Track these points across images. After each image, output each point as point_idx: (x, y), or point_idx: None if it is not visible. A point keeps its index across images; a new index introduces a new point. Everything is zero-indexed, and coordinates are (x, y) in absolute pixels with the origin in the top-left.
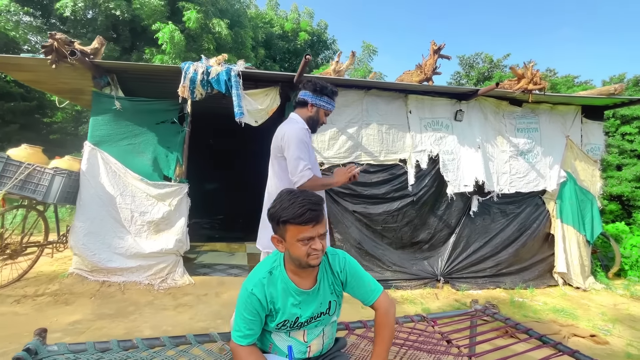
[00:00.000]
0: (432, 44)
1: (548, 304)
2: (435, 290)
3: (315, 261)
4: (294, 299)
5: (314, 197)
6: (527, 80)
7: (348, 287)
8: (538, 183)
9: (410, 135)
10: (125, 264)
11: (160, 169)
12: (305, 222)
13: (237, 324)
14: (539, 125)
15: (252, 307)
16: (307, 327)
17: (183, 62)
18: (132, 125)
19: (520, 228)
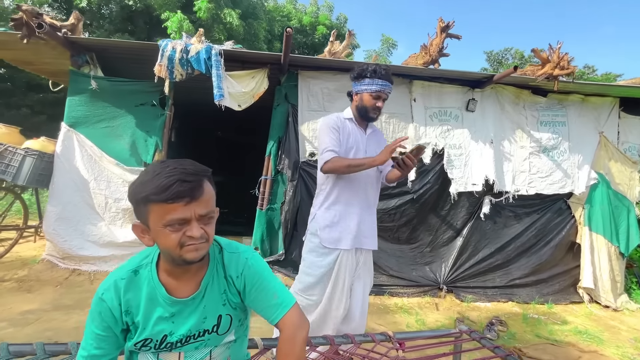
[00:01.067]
0: (440, 20)
1: (569, 324)
2: (435, 300)
3: (193, 254)
4: (163, 309)
5: (191, 165)
6: (552, 65)
7: (247, 298)
8: (564, 184)
9: (413, 125)
10: (98, 253)
11: (138, 154)
12: (172, 199)
13: (84, 340)
14: (567, 118)
15: (101, 318)
16: (184, 349)
17: (161, 40)
18: (110, 107)
19: (539, 234)
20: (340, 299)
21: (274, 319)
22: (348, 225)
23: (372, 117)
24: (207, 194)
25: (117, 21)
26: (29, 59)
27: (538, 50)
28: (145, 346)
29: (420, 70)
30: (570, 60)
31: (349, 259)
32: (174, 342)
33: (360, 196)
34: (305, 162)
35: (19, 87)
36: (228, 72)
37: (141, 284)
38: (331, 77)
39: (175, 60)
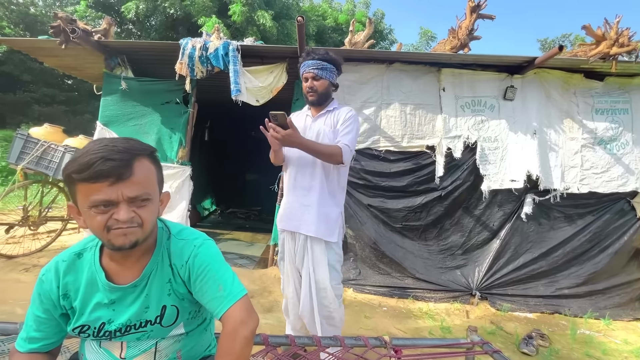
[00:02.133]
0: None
1: (630, 344)
2: (467, 307)
3: (121, 239)
4: (102, 295)
5: (123, 143)
6: (609, 43)
7: (193, 289)
8: (625, 182)
9: (442, 117)
10: None
11: (164, 150)
12: (94, 178)
13: (26, 320)
14: (631, 105)
15: (40, 300)
16: (126, 339)
17: (182, 39)
18: (139, 106)
19: (595, 239)
20: (288, 282)
21: (218, 313)
22: (284, 206)
23: (309, 99)
24: (139, 175)
25: (162, 29)
26: (73, 64)
27: (590, 27)
28: (84, 332)
29: (448, 57)
30: (632, 36)
31: (288, 241)
32: (112, 331)
33: (290, 179)
34: None
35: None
36: (247, 67)
37: (83, 267)
38: (352, 68)
39: (195, 58)
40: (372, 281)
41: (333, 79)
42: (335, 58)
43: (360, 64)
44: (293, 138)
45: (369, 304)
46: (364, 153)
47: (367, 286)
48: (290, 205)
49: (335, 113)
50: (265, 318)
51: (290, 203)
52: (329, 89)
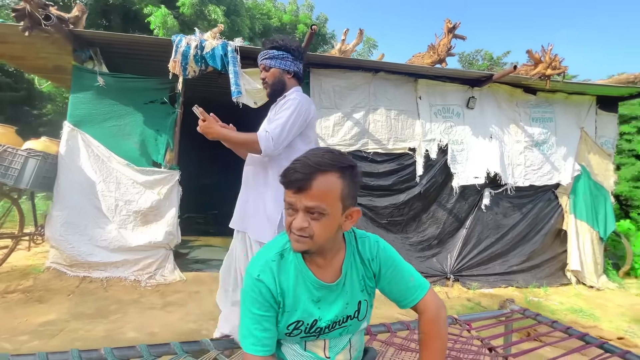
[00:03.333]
0: (447, 22)
1: (564, 304)
2: (445, 289)
3: (294, 244)
4: (310, 294)
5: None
6: (545, 65)
7: (382, 281)
8: (552, 176)
9: (420, 122)
10: (109, 258)
11: (148, 154)
12: (286, 184)
13: (246, 327)
14: (554, 115)
15: (263, 298)
16: (329, 336)
17: (174, 35)
18: (117, 105)
19: (533, 223)
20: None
21: (413, 301)
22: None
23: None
24: (317, 189)
25: (93, 15)
26: (20, 53)
27: (532, 52)
28: (297, 329)
29: (425, 69)
30: (561, 61)
31: (236, 241)
32: (322, 328)
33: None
34: None
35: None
36: (242, 69)
37: (288, 267)
38: (342, 74)
39: (189, 57)
40: None
41: (287, 66)
42: (284, 43)
43: (349, 71)
44: (210, 129)
45: None
46: (354, 155)
47: None
48: (237, 203)
49: (277, 105)
50: None
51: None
52: (282, 77)
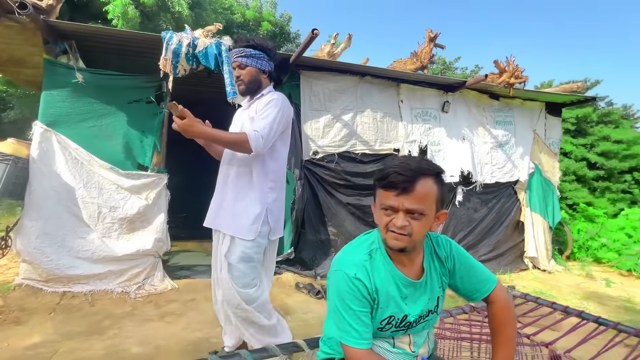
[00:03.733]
0: (429, 31)
1: (527, 287)
2: None
3: (392, 242)
4: (399, 291)
5: (416, 162)
6: (509, 74)
7: (456, 277)
8: (513, 174)
9: (402, 124)
10: (92, 270)
11: (133, 157)
12: (386, 186)
13: (346, 324)
14: (513, 118)
15: (361, 295)
16: (414, 331)
17: (164, 32)
18: (98, 104)
19: (497, 217)
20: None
21: (485, 292)
22: (212, 202)
23: (239, 89)
24: (419, 192)
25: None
26: None
27: (498, 62)
28: (389, 324)
29: (407, 75)
30: (523, 71)
31: (214, 239)
32: (411, 322)
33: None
34: (309, 161)
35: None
36: None
37: (378, 266)
38: (331, 77)
39: (181, 55)
40: None
41: (262, 65)
42: (261, 43)
43: (338, 74)
44: (191, 128)
45: None
46: (343, 156)
47: None
48: (212, 202)
49: (262, 100)
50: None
51: (213, 199)
52: (258, 76)
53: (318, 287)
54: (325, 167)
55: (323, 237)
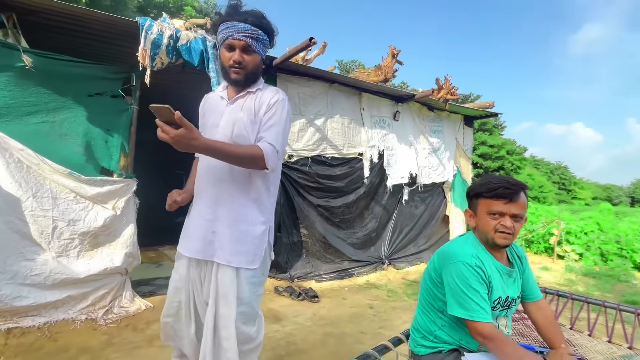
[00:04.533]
0: (392, 48)
1: None
2: (384, 272)
3: (503, 241)
4: (501, 277)
5: (514, 179)
6: (446, 91)
7: (524, 276)
8: (443, 175)
9: (364, 130)
10: (45, 298)
11: (96, 159)
12: (497, 196)
13: (473, 303)
14: (443, 128)
15: (482, 281)
16: (509, 313)
17: (142, 19)
18: (49, 94)
19: (431, 212)
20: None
21: (536, 297)
22: (187, 223)
23: (233, 78)
24: (522, 201)
25: None
26: None
27: (438, 80)
28: (499, 303)
29: (368, 85)
30: (457, 89)
31: (191, 268)
32: (511, 300)
33: (198, 185)
34: (285, 164)
35: None
36: None
37: (484, 259)
38: (305, 82)
39: (162, 47)
40: (323, 270)
41: (264, 55)
42: (272, 27)
43: (312, 80)
44: (189, 141)
45: (333, 288)
46: (315, 159)
47: (322, 275)
48: (194, 223)
49: (258, 95)
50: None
51: (194, 219)
52: (260, 68)
53: (298, 290)
54: (299, 170)
55: (295, 239)
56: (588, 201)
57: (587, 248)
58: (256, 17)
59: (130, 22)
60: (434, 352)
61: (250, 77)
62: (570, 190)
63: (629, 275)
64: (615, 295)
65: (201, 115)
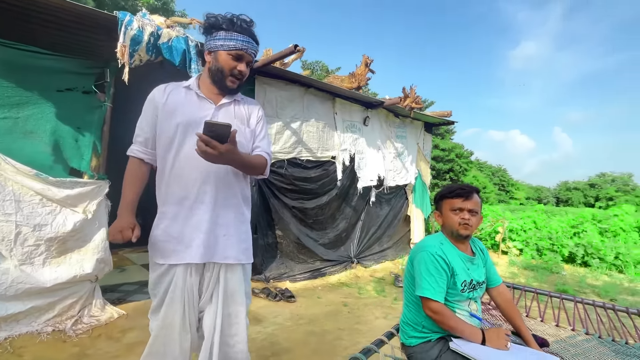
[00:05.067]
0: (365, 57)
1: None
2: (353, 271)
3: (464, 231)
4: (464, 264)
5: (469, 184)
6: (411, 100)
7: (487, 265)
8: (406, 178)
9: (337, 134)
10: (6, 310)
11: (65, 159)
12: (456, 196)
13: (428, 283)
14: (406, 134)
15: (441, 268)
16: (476, 295)
17: (121, 13)
18: (13, 88)
19: (394, 212)
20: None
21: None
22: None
23: (229, 85)
24: (475, 199)
25: None
26: None
27: (405, 89)
28: (466, 286)
29: (342, 91)
30: (421, 98)
31: (188, 278)
32: (475, 283)
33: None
34: None
35: None
36: None
37: (448, 249)
38: (283, 86)
39: (142, 44)
40: (297, 270)
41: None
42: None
43: (289, 83)
44: (233, 156)
45: (307, 288)
46: (291, 162)
47: (296, 275)
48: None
49: (246, 105)
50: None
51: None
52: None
53: (274, 291)
54: (276, 172)
55: (270, 241)
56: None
57: (526, 244)
58: (254, 31)
59: (108, 15)
60: (424, 341)
61: (241, 87)
62: (508, 191)
63: (559, 267)
64: (549, 285)
65: (161, 106)
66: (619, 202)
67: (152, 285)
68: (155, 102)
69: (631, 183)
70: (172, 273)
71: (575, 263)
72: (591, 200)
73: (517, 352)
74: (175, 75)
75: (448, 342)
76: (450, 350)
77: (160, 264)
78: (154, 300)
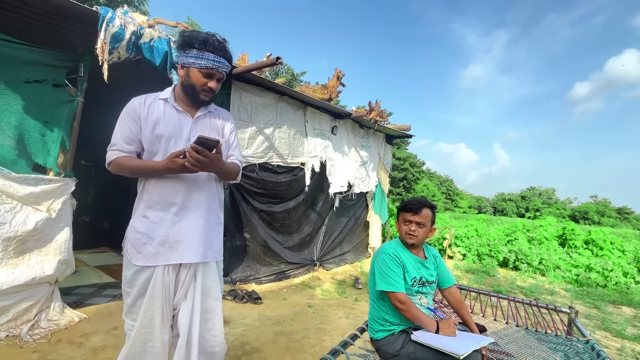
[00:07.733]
0: (337, 71)
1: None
2: (316, 274)
3: (409, 240)
4: (416, 264)
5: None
6: (376, 113)
7: (439, 269)
8: (368, 186)
9: (307, 141)
10: None
11: (29, 155)
12: (407, 210)
13: (388, 278)
14: (370, 144)
15: (396, 265)
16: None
17: (103, 8)
18: None
19: (355, 218)
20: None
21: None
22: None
23: (202, 99)
24: (424, 214)
25: None
26: None
27: (370, 103)
28: (415, 281)
29: (314, 100)
30: (387, 113)
31: (166, 276)
32: (425, 281)
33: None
34: None
35: None
36: None
37: (402, 252)
38: (258, 92)
39: (123, 42)
40: (262, 272)
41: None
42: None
43: (264, 90)
44: (218, 162)
45: (272, 290)
46: (262, 166)
47: (261, 278)
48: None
49: (219, 117)
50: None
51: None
52: None
53: (241, 293)
54: (247, 176)
55: (238, 243)
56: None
57: (469, 250)
58: (228, 53)
59: (87, 9)
60: (388, 335)
61: (213, 99)
62: (454, 200)
63: (494, 270)
64: (487, 286)
65: (143, 117)
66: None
67: (127, 283)
68: (137, 113)
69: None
70: (149, 272)
71: (508, 267)
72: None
73: (462, 336)
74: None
75: (409, 334)
76: (411, 341)
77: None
78: (127, 299)
